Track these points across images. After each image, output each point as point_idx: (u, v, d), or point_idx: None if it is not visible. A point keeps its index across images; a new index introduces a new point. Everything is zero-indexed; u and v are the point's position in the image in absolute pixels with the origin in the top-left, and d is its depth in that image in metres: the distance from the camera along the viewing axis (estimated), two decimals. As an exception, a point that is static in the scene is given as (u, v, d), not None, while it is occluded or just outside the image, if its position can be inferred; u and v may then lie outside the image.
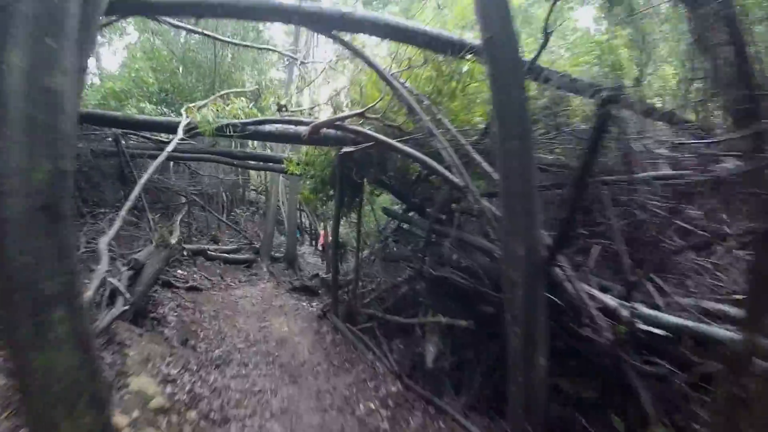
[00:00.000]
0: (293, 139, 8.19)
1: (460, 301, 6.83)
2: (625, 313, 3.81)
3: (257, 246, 16.81)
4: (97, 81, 14.86)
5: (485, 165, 4.92)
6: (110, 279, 6.34)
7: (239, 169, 23.89)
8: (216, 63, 13.30)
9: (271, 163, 13.25)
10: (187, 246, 12.81)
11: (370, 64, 6.08)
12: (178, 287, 10.13)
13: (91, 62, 17.73)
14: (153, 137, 11.54)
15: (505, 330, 3.53)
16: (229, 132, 7.96)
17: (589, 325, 4.05)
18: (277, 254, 18.28)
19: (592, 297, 4.10)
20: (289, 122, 7.79)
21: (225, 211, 21.78)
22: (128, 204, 6.76)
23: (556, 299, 4.19)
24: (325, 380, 6.54)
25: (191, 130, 7.95)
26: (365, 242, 11.50)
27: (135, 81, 11.77)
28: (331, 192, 10.16)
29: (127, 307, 6.00)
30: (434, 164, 5.50)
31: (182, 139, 8.13)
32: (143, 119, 8.87)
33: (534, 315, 3.33)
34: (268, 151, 17.61)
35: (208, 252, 13.38)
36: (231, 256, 14.62)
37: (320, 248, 22.50)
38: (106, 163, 11.56)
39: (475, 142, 6.13)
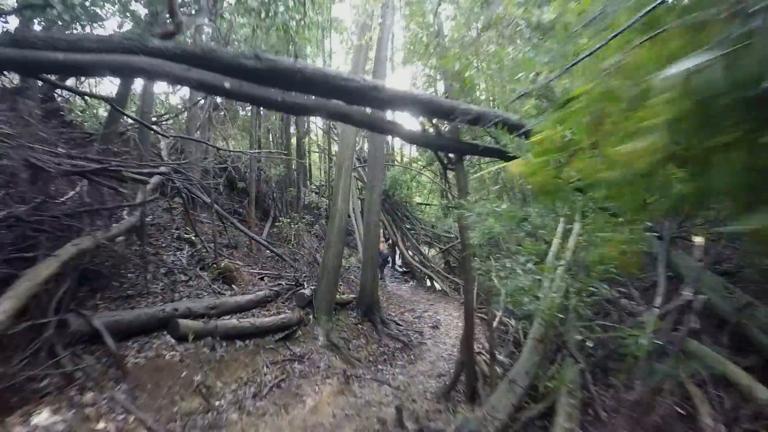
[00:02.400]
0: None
1: None
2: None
3: (308, 291, 8.34)
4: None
5: None
6: None
7: (293, 160, 16.03)
8: None
9: (352, 110, 4.62)
10: (115, 316, 4.78)
11: None
12: None
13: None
14: None
15: None
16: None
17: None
18: (345, 296, 10.03)
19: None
20: None
21: (270, 220, 13.94)
22: None
23: None
24: None
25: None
26: None
27: None
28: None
29: None
30: None
31: None
32: None
33: None
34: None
35: (179, 323, 5.28)
36: (244, 322, 6.33)
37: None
38: None
39: None
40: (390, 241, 18.57)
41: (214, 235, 8.60)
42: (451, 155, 5.53)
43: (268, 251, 10.65)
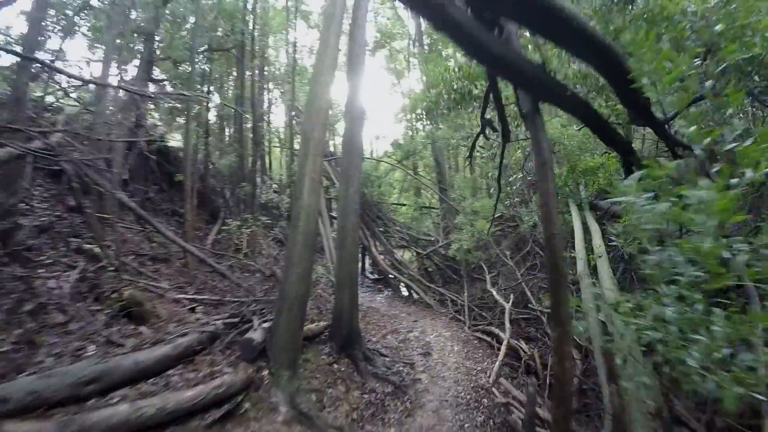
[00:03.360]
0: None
1: None
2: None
3: (258, 334, 5.39)
4: None
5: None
6: None
7: (249, 147, 13.22)
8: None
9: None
10: None
11: None
12: None
13: None
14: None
15: None
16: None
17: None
18: (314, 325, 7.44)
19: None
20: None
21: (219, 223, 11.20)
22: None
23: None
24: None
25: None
26: None
27: None
28: None
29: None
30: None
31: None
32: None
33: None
34: None
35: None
36: (146, 405, 3.56)
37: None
38: None
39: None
40: (361, 245, 16.11)
41: (117, 244, 5.81)
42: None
43: (214, 266, 7.93)
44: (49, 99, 9.91)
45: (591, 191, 9.48)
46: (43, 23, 6.47)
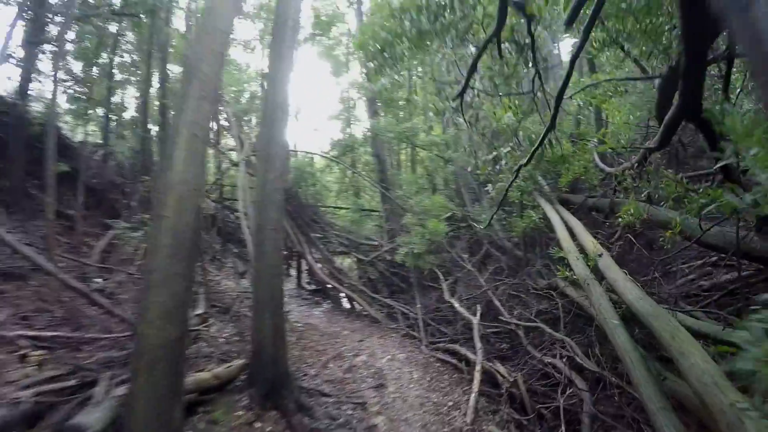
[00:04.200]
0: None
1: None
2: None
3: (94, 418, 3.06)
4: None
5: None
6: None
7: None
8: None
9: None
10: None
11: None
12: None
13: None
14: None
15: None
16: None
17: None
18: (220, 368, 5.32)
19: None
20: None
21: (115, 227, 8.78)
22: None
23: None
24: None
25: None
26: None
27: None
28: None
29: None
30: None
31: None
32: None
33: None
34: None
35: None
36: None
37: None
38: None
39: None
40: (296, 253, 13.96)
41: None
42: None
43: (75, 285, 5.57)
44: None
45: (563, 183, 8.17)
46: None
